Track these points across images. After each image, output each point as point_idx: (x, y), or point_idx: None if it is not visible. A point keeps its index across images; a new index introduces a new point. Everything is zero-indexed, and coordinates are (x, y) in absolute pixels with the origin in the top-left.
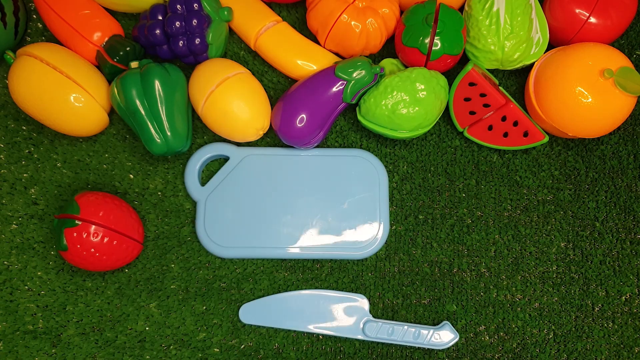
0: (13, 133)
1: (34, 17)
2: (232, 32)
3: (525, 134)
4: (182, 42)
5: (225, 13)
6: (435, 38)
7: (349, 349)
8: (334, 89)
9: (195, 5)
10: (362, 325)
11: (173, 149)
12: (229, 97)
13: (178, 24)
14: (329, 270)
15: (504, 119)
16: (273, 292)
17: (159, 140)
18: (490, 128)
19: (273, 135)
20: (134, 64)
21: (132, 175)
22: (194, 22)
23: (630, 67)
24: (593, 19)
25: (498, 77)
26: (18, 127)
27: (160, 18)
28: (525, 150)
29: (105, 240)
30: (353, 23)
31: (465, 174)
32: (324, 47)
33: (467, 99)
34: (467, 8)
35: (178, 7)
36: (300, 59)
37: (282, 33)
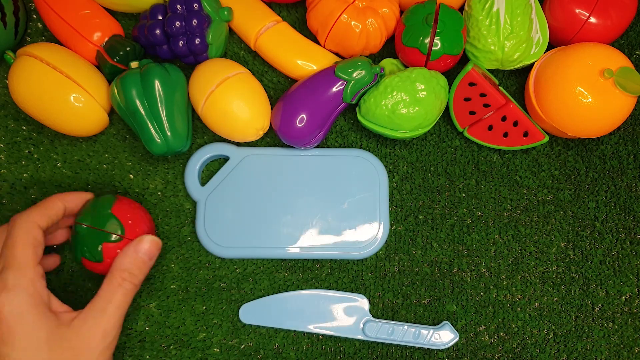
0: (13, 133)
1: (34, 17)
2: (232, 32)
3: (525, 134)
4: (182, 42)
5: (225, 13)
6: (435, 38)
7: (349, 349)
8: (334, 89)
9: (195, 5)
10: (362, 325)
11: (173, 149)
12: (229, 97)
13: (178, 24)
14: (329, 270)
15: (504, 119)
16: (273, 292)
17: (159, 140)
18: (490, 128)
19: (273, 135)
20: (134, 64)
21: (132, 175)
22: (194, 22)
23: (630, 67)
24: (593, 19)
25: (498, 77)
26: (18, 127)
27: (160, 18)
28: (525, 150)
29: None
30: (353, 23)
31: (465, 174)
32: (324, 47)
33: (467, 99)
34: (467, 8)
35: (178, 7)
36: (300, 59)
37: (282, 33)
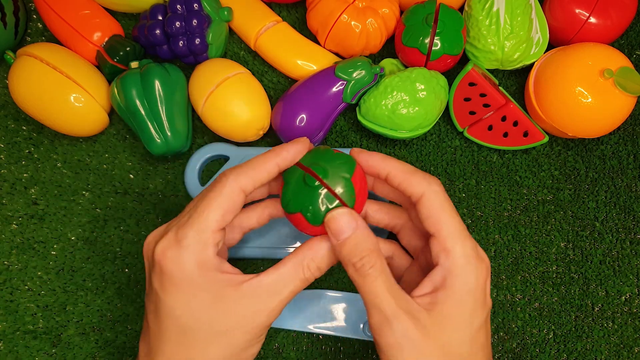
0: (13, 133)
1: (34, 17)
2: (232, 32)
3: (525, 134)
4: (182, 42)
5: (225, 13)
6: (435, 38)
7: (349, 349)
8: (334, 89)
9: (195, 5)
10: (362, 325)
11: (173, 149)
12: (229, 97)
13: (178, 24)
14: (329, 270)
15: (504, 119)
16: None
17: (159, 140)
18: (490, 128)
19: (273, 135)
20: (134, 64)
21: (132, 175)
22: (194, 22)
23: (630, 67)
24: (593, 19)
25: (498, 77)
26: (18, 127)
27: (160, 18)
28: (525, 150)
29: None
30: (353, 23)
31: (465, 174)
32: (324, 47)
33: (467, 99)
34: (467, 8)
35: (178, 7)
36: (300, 59)
37: (282, 33)
